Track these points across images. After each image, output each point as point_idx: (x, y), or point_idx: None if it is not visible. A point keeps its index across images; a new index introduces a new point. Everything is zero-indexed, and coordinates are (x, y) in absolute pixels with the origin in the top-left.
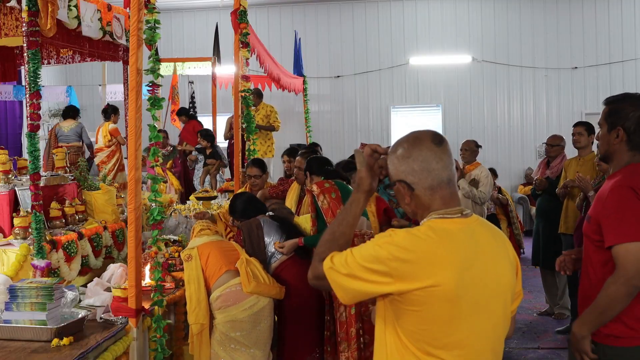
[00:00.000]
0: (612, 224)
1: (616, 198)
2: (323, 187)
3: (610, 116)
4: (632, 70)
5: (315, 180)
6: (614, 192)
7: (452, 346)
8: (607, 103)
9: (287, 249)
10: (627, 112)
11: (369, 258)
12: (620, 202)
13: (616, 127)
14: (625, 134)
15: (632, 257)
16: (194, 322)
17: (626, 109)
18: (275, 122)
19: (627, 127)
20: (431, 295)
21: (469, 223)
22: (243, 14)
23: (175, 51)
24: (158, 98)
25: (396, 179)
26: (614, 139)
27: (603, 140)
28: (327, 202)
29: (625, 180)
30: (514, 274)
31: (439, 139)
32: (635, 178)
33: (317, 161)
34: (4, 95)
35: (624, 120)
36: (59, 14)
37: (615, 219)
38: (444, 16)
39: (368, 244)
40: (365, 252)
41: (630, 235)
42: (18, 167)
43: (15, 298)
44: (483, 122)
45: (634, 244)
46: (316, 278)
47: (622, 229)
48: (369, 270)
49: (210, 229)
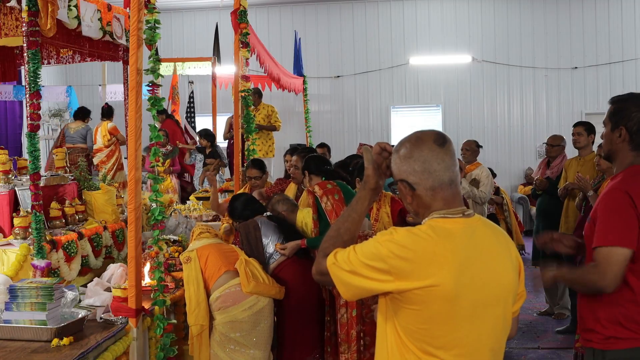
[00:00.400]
0: (600, 226)
1: (610, 200)
2: (325, 188)
3: (614, 115)
4: (632, 70)
5: (314, 180)
6: (609, 194)
7: (451, 345)
8: (612, 102)
9: (289, 250)
10: (631, 112)
11: (369, 255)
12: (612, 205)
13: (619, 126)
14: (627, 134)
15: (605, 261)
16: (194, 323)
17: (630, 109)
18: (276, 122)
19: (629, 128)
20: (430, 294)
21: (470, 223)
22: (243, 14)
23: (175, 51)
24: (158, 98)
25: (398, 179)
26: (616, 138)
27: (607, 139)
28: (331, 204)
29: (623, 183)
30: (517, 274)
31: (441, 140)
32: (634, 182)
33: (316, 160)
34: (4, 95)
35: (627, 121)
36: (59, 14)
37: (603, 222)
38: (444, 16)
39: (370, 241)
40: (366, 249)
41: (613, 239)
42: (18, 167)
43: (15, 298)
44: (483, 122)
45: (614, 248)
46: (320, 273)
47: (607, 232)
48: (369, 268)
49: (210, 232)
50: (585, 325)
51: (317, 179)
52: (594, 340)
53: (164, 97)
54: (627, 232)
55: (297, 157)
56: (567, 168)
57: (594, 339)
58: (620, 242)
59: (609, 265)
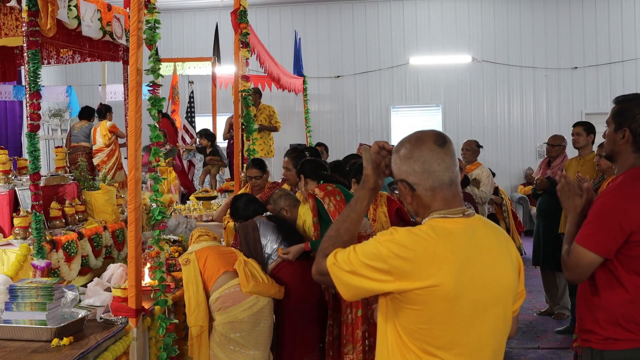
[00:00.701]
0: (586, 224)
1: (602, 203)
2: (326, 190)
3: (617, 115)
4: (632, 70)
5: (310, 184)
6: (604, 196)
7: (451, 345)
8: (616, 102)
9: (293, 254)
10: (635, 113)
11: (370, 255)
12: (602, 207)
13: (622, 127)
14: (631, 135)
15: (576, 258)
16: (193, 324)
17: (634, 110)
18: (276, 123)
19: (633, 129)
20: (431, 294)
21: (470, 223)
22: (243, 14)
23: (175, 51)
24: (159, 98)
25: (398, 179)
26: (619, 139)
27: (609, 139)
28: (334, 205)
29: (621, 188)
30: (516, 274)
31: (442, 140)
32: (632, 188)
33: (312, 164)
34: (4, 95)
35: (631, 122)
36: (59, 14)
37: (589, 221)
38: (444, 16)
39: (370, 241)
40: (367, 249)
41: (589, 243)
42: (18, 167)
43: (15, 298)
44: (483, 122)
45: (588, 252)
46: (319, 274)
47: (589, 233)
48: (369, 268)
49: (209, 235)
50: (583, 326)
51: (313, 183)
52: (592, 340)
53: (164, 97)
54: (607, 241)
55: (287, 158)
56: (567, 168)
57: (592, 339)
58: (596, 248)
59: (577, 265)
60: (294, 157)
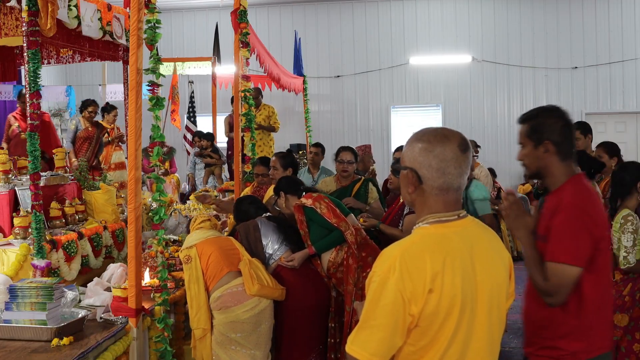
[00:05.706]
0: (553, 241)
1: (566, 216)
2: (312, 197)
3: (533, 132)
4: (632, 70)
5: (291, 200)
6: (565, 210)
7: (448, 344)
8: (523, 121)
9: (298, 261)
10: (550, 125)
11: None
12: (569, 220)
13: (542, 141)
14: (554, 146)
15: (558, 280)
16: (196, 327)
17: (547, 122)
18: (275, 124)
19: (554, 140)
20: (431, 301)
21: (464, 225)
22: (243, 14)
23: (175, 51)
24: (161, 98)
25: (409, 166)
26: (542, 153)
27: (531, 158)
28: (325, 206)
29: (578, 198)
30: (507, 275)
31: (465, 146)
32: (588, 195)
33: (289, 181)
34: (4, 95)
35: (550, 134)
36: (59, 14)
37: (558, 238)
38: (444, 16)
39: (367, 309)
40: (376, 311)
41: (567, 256)
42: (18, 167)
43: (15, 298)
44: (483, 122)
45: (561, 265)
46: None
47: (562, 248)
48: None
49: (211, 220)
50: (544, 343)
51: (293, 198)
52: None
53: (164, 96)
54: (583, 251)
55: (275, 158)
56: None
57: (557, 355)
58: (575, 260)
59: (562, 285)
60: (282, 157)
